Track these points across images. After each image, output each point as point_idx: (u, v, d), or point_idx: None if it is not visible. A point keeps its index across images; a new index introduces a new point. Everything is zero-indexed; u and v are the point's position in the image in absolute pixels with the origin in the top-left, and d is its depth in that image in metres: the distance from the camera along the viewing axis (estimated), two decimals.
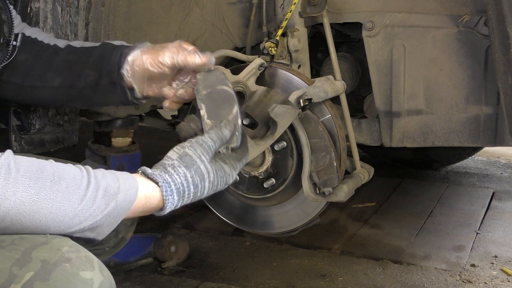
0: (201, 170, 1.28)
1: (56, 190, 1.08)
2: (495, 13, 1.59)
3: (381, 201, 3.36)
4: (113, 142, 2.43)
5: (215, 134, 1.36)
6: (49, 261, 1.04)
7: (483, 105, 1.81)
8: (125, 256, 2.51)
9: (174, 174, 1.25)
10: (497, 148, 4.32)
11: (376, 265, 2.61)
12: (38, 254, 1.05)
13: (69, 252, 1.07)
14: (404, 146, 1.93)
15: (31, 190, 1.06)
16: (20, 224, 1.07)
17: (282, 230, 1.85)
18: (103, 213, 1.13)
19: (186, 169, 1.26)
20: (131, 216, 1.21)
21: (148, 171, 1.25)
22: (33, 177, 1.07)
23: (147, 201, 1.21)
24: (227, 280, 2.49)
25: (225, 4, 2.08)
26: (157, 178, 1.23)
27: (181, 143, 1.34)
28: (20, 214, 1.05)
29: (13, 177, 1.04)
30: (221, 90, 1.49)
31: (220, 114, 1.45)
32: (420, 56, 1.84)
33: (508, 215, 3.22)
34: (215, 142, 1.34)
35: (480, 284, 2.45)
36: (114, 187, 1.15)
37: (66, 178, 1.10)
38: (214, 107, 1.46)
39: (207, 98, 1.47)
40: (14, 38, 1.58)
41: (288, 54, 1.78)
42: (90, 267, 1.08)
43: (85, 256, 1.09)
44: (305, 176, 1.64)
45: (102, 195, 1.13)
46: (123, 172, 1.22)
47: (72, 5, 2.02)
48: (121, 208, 1.16)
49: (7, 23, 1.56)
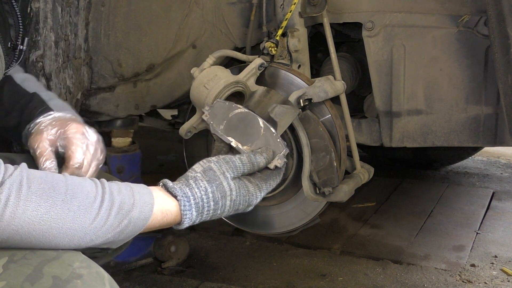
0: (223, 187, 1.27)
1: (67, 210, 1.07)
2: (495, 13, 1.59)
3: (381, 201, 3.36)
4: (113, 142, 2.43)
5: (246, 157, 1.35)
6: (60, 278, 1.03)
7: (483, 105, 1.81)
8: (125, 256, 2.51)
9: (195, 188, 1.24)
10: (497, 148, 4.32)
11: (376, 265, 2.61)
12: (49, 270, 1.04)
13: (80, 268, 1.07)
14: (404, 146, 1.93)
15: (41, 209, 1.04)
16: (30, 242, 1.06)
17: (282, 230, 1.85)
18: (115, 230, 1.12)
19: (208, 183, 1.25)
20: (147, 231, 1.20)
21: (169, 184, 1.24)
22: (44, 196, 1.05)
23: (163, 217, 1.20)
24: (227, 280, 2.49)
25: (225, 4, 2.08)
26: (177, 192, 1.22)
27: (208, 157, 1.33)
28: (29, 233, 1.04)
29: (23, 195, 1.03)
30: (236, 115, 1.50)
31: (251, 135, 1.45)
32: (420, 56, 1.84)
33: (508, 215, 3.22)
34: (244, 164, 1.33)
35: (480, 284, 2.45)
36: (128, 203, 1.14)
37: (79, 196, 1.09)
38: (241, 133, 1.46)
39: (229, 129, 1.48)
40: (21, 42, 1.58)
41: (288, 54, 1.78)
42: (101, 284, 1.07)
43: (96, 272, 1.08)
44: (305, 176, 1.64)
45: (115, 212, 1.12)
46: (141, 185, 1.21)
47: (72, 5, 2.02)
48: (135, 224, 1.15)
49: (14, 27, 1.56)
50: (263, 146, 1.44)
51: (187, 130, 1.68)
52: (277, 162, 1.42)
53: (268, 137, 1.46)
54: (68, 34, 2.02)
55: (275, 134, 1.46)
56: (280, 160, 1.42)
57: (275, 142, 1.45)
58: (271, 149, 1.42)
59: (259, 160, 1.37)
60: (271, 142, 1.45)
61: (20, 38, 1.57)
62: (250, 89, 1.70)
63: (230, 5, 2.07)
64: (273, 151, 1.42)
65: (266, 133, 1.46)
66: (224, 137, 1.49)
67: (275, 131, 1.47)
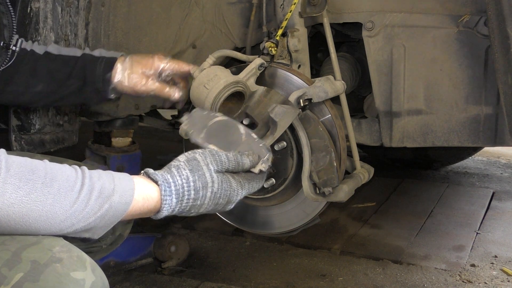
0: (205, 178, 1.26)
1: (47, 192, 1.06)
2: (495, 13, 1.59)
3: (381, 201, 3.36)
4: (113, 142, 2.43)
5: (233, 155, 1.35)
6: (39, 262, 1.03)
7: (483, 105, 1.81)
8: (125, 256, 2.52)
9: (177, 175, 1.24)
10: (497, 148, 4.32)
11: (376, 265, 2.61)
12: (28, 255, 1.04)
13: (60, 252, 1.06)
14: (404, 146, 1.93)
15: (20, 192, 1.04)
16: (9, 226, 1.05)
17: (282, 230, 1.85)
18: (96, 215, 1.12)
19: (190, 172, 1.25)
20: (128, 218, 1.19)
21: (150, 171, 1.23)
22: (24, 178, 1.05)
23: (144, 202, 1.19)
24: (227, 280, 2.49)
25: (225, 4, 2.08)
26: (158, 177, 1.21)
27: (194, 149, 1.33)
28: (9, 216, 1.03)
29: (2, 178, 1.02)
30: (215, 123, 1.49)
31: (232, 141, 1.45)
32: (420, 56, 1.84)
33: (508, 215, 3.22)
34: (230, 161, 1.32)
35: (480, 284, 2.45)
36: (109, 188, 1.13)
37: (58, 179, 1.08)
38: (222, 140, 1.45)
39: (209, 137, 1.47)
40: (14, 43, 1.59)
41: (288, 54, 1.78)
42: (82, 267, 1.06)
43: (77, 256, 1.08)
44: (305, 176, 1.64)
45: (96, 197, 1.11)
46: (122, 173, 1.20)
47: (72, 5, 2.02)
48: (117, 209, 1.15)
49: (8, 27, 1.57)
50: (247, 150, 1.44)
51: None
52: (261, 166, 1.41)
53: (250, 143, 1.45)
54: (68, 34, 2.02)
55: (257, 140, 1.45)
56: (264, 164, 1.41)
57: (258, 147, 1.44)
58: (256, 154, 1.42)
59: (244, 161, 1.36)
60: (254, 148, 1.44)
61: (13, 39, 1.58)
62: (250, 89, 1.70)
63: (230, 5, 2.07)
64: (258, 155, 1.42)
65: (248, 139, 1.45)
66: (206, 145, 1.46)
67: (257, 137, 1.46)
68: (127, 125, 2.41)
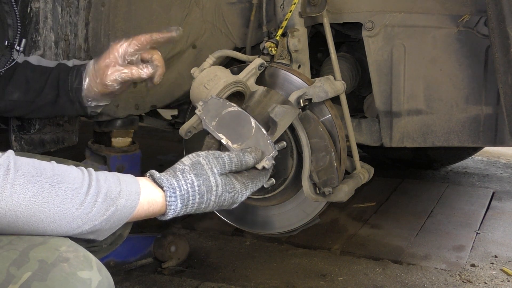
0: (210, 182, 1.27)
1: (55, 194, 1.07)
2: (495, 13, 1.58)
3: (381, 201, 3.36)
4: (113, 142, 2.43)
5: (235, 155, 1.35)
6: (46, 261, 1.04)
7: (483, 105, 1.81)
8: (125, 256, 2.52)
9: (182, 180, 1.24)
10: (497, 148, 4.32)
11: (376, 265, 2.61)
12: (35, 254, 1.05)
13: (67, 252, 1.07)
14: (404, 146, 1.93)
15: (28, 193, 1.04)
16: (17, 226, 1.06)
17: (282, 230, 1.85)
18: (102, 217, 1.12)
19: (195, 177, 1.26)
20: (133, 220, 1.21)
21: (156, 175, 1.24)
22: (32, 180, 1.06)
23: (149, 207, 1.20)
24: (227, 280, 2.49)
25: (225, 4, 2.08)
26: (163, 182, 1.22)
27: (198, 152, 1.33)
28: (17, 216, 1.04)
29: (11, 178, 1.03)
30: (228, 113, 1.50)
31: (242, 134, 1.46)
32: (420, 56, 1.84)
33: (508, 215, 3.22)
34: (233, 162, 1.33)
35: (480, 284, 2.45)
36: (115, 191, 1.14)
37: (66, 181, 1.09)
38: (232, 131, 1.46)
39: (220, 126, 1.48)
40: (18, 43, 1.59)
41: (288, 54, 1.78)
42: (88, 267, 1.07)
43: (83, 255, 1.09)
44: (305, 176, 1.64)
45: (102, 199, 1.12)
46: (128, 175, 1.21)
47: (72, 5, 2.02)
48: (122, 213, 1.16)
49: (12, 27, 1.57)
50: (253, 146, 1.45)
51: (187, 130, 1.68)
52: (265, 163, 1.42)
53: (258, 138, 1.46)
54: (68, 34, 2.02)
55: (266, 136, 1.46)
56: (268, 161, 1.42)
57: (265, 143, 1.45)
58: (261, 150, 1.42)
59: (247, 159, 1.37)
60: (261, 143, 1.45)
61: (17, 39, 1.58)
62: (250, 89, 1.70)
63: (230, 5, 2.07)
64: (262, 151, 1.43)
65: (257, 133, 1.46)
66: (215, 133, 1.49)
67: (266, 133, 1.47)
68: (127, 125, 2.41)
